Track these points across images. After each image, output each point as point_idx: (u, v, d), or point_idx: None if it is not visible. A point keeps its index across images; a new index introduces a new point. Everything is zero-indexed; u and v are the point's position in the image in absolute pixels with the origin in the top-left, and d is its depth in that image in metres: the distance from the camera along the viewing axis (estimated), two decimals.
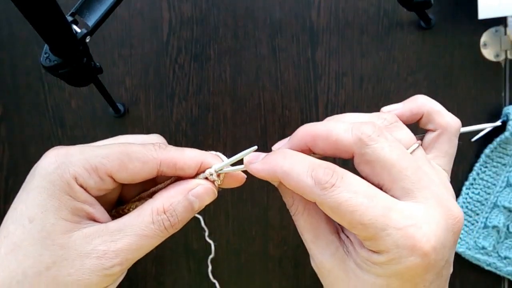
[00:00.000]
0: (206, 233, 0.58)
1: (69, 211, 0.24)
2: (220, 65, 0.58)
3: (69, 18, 0.39)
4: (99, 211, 0.26)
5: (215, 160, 0.28)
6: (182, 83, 0.59)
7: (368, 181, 0.25)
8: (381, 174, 0.24)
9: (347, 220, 0.23)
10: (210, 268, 0.60)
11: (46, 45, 0.39)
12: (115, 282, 0.26)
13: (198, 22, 0.58)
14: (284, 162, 0.25)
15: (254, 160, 0.27)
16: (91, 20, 0.39)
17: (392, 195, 0.24)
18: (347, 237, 0.26)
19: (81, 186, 0.25)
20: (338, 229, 0.27)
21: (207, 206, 0.28)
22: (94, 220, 0.26)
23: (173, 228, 0.26)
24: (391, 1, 0.56)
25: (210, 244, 0.59)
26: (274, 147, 0.29)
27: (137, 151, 0.26)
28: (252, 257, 0.60)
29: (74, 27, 0.39)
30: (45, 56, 0.39)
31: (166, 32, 0.58)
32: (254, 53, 0.58)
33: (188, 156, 0.27)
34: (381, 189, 0.24)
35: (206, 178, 0.28)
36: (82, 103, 0.60)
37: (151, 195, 0.28)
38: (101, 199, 0.27)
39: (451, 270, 0.27)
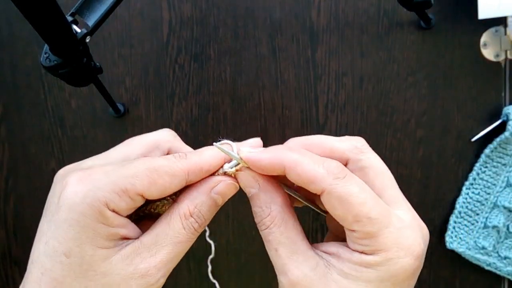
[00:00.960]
0: (207, 233, 0.58)
1: (105, 238, 0.24)
2: (220, 65, 0.58)
3: (69, 18, 0.39)
4: (131, 230, 0.26)
5: (232, 153, 0.28)
6: (182, 83, 0.59)
7: None
8: (374, 181, 0.26)
9: (354, 212, 0.23)
10: (210, 268, 0.60)
11: (46, 45, 0.39)
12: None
13: (198, 22, 0.58)
14: (292, 153, 0.25)
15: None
16: (91, 20, 0.39)
17: None
18: (325, 252, 0.26)
19: (113, 211, 0.24)
20: (311, 246, 0.27)
21: None
22: (129, 238, 0.26)
23: (202, 227, 0.27)
24: (391, 1, 0.56)
25: (210, 244, 0.59)
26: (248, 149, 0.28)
27: (163, 165, 0.25)
28: (252, 257, 0.60)
29: (74, 27, 0.39)
30: (45, 56, 0.39)
31: (166, 32, 0.58)
32: (254, 53, 0.58)
33: (210, 157, 0.27)
34: None
35: (225, 173, 0.28)
36: (82, 103, 0.60)
37: (174, 193, 0.27)
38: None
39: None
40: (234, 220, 0.60)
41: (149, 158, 0.26)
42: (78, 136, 0.60)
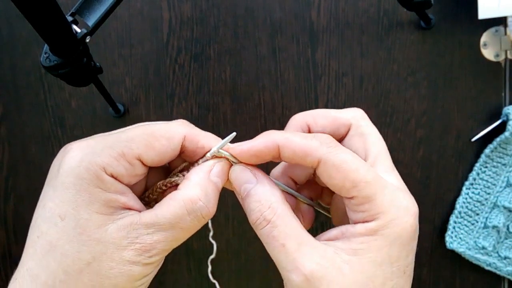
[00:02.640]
0: (211, 233, 0.58)
1: (102, 203, 0.24)
2: (220, 65, 0.58)
3: (69, 18, 0.39)
4: (132, 199, 0.25)
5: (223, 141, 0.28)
6: (182, 83, 0.59)
7: None
8: (371, 147, 0.27)
9: (351, 177, 0.24)
10: (210, 268, 0.60)
11: (46, 45, 0.39)
12: (157, 267, 0.26)
13: (198, 22, 0.58)
14: (283, 132, 0.26)
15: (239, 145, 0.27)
16: (91, 20, 0.39)
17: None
18: (328, 240, 0.26)
19: (112, 176, 0.24)
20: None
21: None
22: (129, 209, 0.25)
23: (210, 215, 0.26)
24: (391, 1, 0.56)
25: (210, 244, 0.59)
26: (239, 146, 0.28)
27: (160, 129, 0.26)
28: (252, 257, 0.60)
29: (74, 27, 0.39)
30: (45, 56, 0.39)
31: (166, 32, 0.58)
32: (254, 53, 0.58)
33: (206, 134, 0.28)
34: None
35: (214, 156, 0.27)
36: (82, 103, 0.60)
37: (181, 171, 0.27)
38: (132, 187, 0.26)
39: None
40: (234, 220, 0.60)
41: (147, 123, 0.26)
42: (78, 136, 0.60)
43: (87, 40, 0.40)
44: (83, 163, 0.24)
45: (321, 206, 0.32)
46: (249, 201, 0.26)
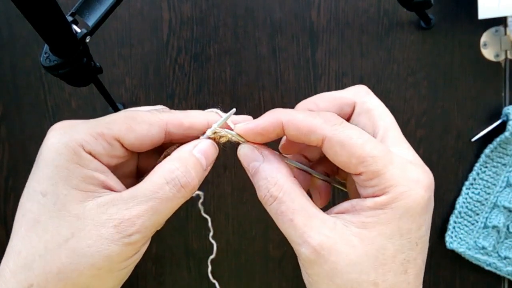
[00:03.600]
0: (211, 234, 0.58)
1: (80, 180, 0.24)
2: (220, 65, 0.58)
3: (69, 18, 0.39)
4: (112, 180, 0.25)
5: (217, 118, 0.28)
6: (182, 83, 0.59)
7: None
8: (378, 121, 0.27)
9: (357, 153, 0.24)
10: (210, 268, 0.60)
11: (46, 45, 0.39)
12: (139, 251, 0.26)
13: (198, 22, 0.58)
14: (288, 110, 0.26)
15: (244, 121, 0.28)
16: (91, 20, 0.39)
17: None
18: (339, 213, 0.26)
19: (90, 154, 0.24)
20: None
21: (208, 206, 0.28)
22: (110, 189, 0.25)
23: (190, 186, 0.26)
24: (391, 1, 0.56)
25: (210, 244, 0.59)
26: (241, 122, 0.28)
27: (142, 114, 0.26)
28: (252, 257, 0.60)
29: (74, 27, 0.39)
30: (45, 56, 0.39)
31: (166, 32, 0.58)
32: (254, 53, 0.58)
33: (193, 115, 0.28)
34: None
35: (209, 138, 0.28)
36: (82, 103, 0.60)
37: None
38: (118, 173, 0.26)
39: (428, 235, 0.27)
40: (234, 220, 0.60)
41: (131, 109, 0.27)
42: None
43: (87, 40, 0.39)
44: (62, 139, 0.24)
45: (337, 181, 0.32)
46: (257, 179, 0.27)
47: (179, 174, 0.25)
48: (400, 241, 0.24)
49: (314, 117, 0.25)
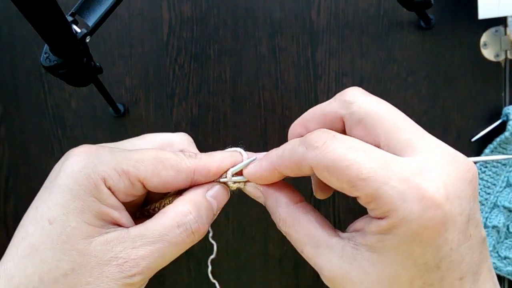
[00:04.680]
0: (210, 234, 0.58)
1: (93, 214, 0.23)
2: (220, 65, 0.58)
3: (69, 18, 0.39)
4: (124, 217, 0.25)
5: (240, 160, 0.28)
6: (182, 83, 0.59)
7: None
8: (375, 129, 0.23)
9: (345, 177, 0.21)
10: (210, 268, 0.60)
11: (46, 45, 0.39)
12: None
13: (198, 22, 0.58)
14: (276, 151, 0.25)
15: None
16: (91, 20, 0.39)
17: (392, 153, 0.22)
18: (354, 231, 0.24)
19: (109, 189, 0.24)
20: (336, 231, 0.25)
21: None
22: (119, 225, 0.24)
23: (200, 232, 0.25)
24: (391, 1, 0.56)
25: (210, 245, 0.59)
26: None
27: (171, 159, 0.25)
28: (252, 257, 0.60)
29: (74, 27, 0.39)
30: (45, 56, 0.39)
31: (166, 32, 0.58)
32: (254, 53, 0.58)
33: (220, 160, 0.27)
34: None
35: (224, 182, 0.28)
36: (82, 103, 0.60)
37: (177, 194, 0.27)
38: (126, 203, 0.25)
39: (484, 233, 0.22)
40: (234, 220, 0.60)
41: (160, 149, 0.26)
42: (78, 136, 0.60)
43: (87, 40, 0.40)
44: (85, 169, 0.23)
45: None
46: (269, 209, 0.27)
47: (191, 219, 0.24)
48: (414, 267, 0.21)
49: (298, 146, 0.23)
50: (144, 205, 0.29)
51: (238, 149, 0.28)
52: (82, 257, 0.23)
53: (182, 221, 0.24)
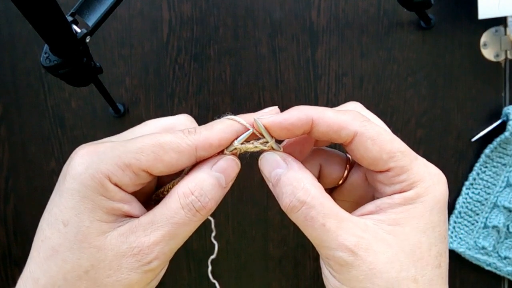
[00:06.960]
0: (213, 234, 0.58)
1: (104, 211, 0.24)
2: (220, 65, 0.58)
3: (69, 18, 0.39)
4: (135, 208, 0.25)
5: (242, 128, 0.27)
6: (182, 83, 0.59)
7: None
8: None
9: (388, 148, 0.24)
10: (210, 268, 0.60)
11: (46, 45, 0.39)
12: (158, 276, 0.26)
13: (198, 22, 0.58)
14: (315, 108, 0.25)
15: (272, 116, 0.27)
16: (91, 20, 0.39)
17: None
18: (364, 215, 0.25)
19: (116, 185, 0.24)
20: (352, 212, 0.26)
21: None
22: (131, 216, 0.25)
23: (206, 209, 0.25)
24: (391, 1, 0.56)
25: (210, 245, 0.59)
26: (261, 115, 0.27)
27: (170, 141, 0.25)
28: (252, 257, 0.60)
29: (74, 27, 0.39)
30: (45, 56, 0.39)
31: (166, 32, 0.58)
32: (254, 53, 0.58)
33: (220, 131, 0.26)
34: None
35: (232, 152, 0.26)
36: (82, 103, 0.60)
37: (190, 170, 0.26)
38: (138, 190, 0.26)
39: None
40: (234, 220, 0.60)
41: (156, 133, 0.25)
42: (78, 136, 0.60)
43: (87, 40, 0.40)
44: (88, 170, 0.24)
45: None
46: (281, 186, 0.25)
47: (193, 199, 0.25)
48: (433, 234, 0.24)
49: (343, 113, 0.25)
50: (158, 187, 0.28)
51: (232, 116, 0.27)
52: (100, 253, 0.24)
53: (185, 202, 0.25)
